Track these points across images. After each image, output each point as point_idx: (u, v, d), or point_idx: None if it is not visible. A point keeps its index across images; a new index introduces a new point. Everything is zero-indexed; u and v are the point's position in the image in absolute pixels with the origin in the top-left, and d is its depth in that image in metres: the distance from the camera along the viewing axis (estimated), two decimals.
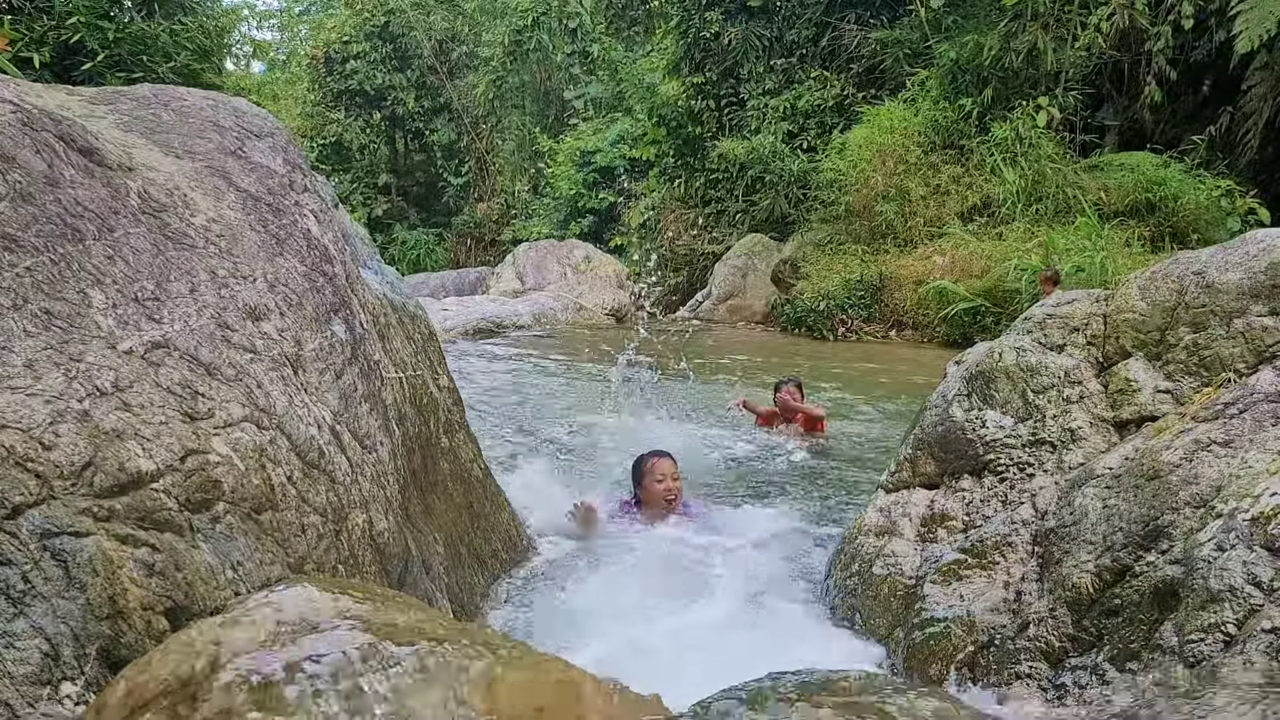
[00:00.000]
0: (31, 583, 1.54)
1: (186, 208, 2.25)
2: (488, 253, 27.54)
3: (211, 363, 2.00)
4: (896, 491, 3.21)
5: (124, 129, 2.42)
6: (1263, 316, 2.46)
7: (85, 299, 1.87)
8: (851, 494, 5.00)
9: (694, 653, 2.75)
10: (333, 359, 2.37)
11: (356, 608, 1.57)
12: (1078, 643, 2.27)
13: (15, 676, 1.48)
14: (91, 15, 14.61)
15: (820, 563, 3.61)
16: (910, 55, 16.52)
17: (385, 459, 2.49)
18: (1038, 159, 14.06)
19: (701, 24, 18.80)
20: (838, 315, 14.04)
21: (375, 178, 29.19)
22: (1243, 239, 2.68)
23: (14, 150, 1.92)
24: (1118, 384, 2.72)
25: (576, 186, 23.57)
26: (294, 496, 2.03)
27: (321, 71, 27.83)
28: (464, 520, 3.28)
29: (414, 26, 27.68)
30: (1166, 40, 13.47)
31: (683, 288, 19.26)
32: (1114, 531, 2.30)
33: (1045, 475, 2.73)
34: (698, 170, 19.41)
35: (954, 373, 3.25)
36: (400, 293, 3.37)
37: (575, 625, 3.00)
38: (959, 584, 2.68)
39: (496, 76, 26.93)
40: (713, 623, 3.06)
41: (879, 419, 7.40)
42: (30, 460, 1.60)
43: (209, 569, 1.78)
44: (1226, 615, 1.87)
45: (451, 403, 3.51)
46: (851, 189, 15.32)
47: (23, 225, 1.84)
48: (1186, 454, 2.27)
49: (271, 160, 2.65)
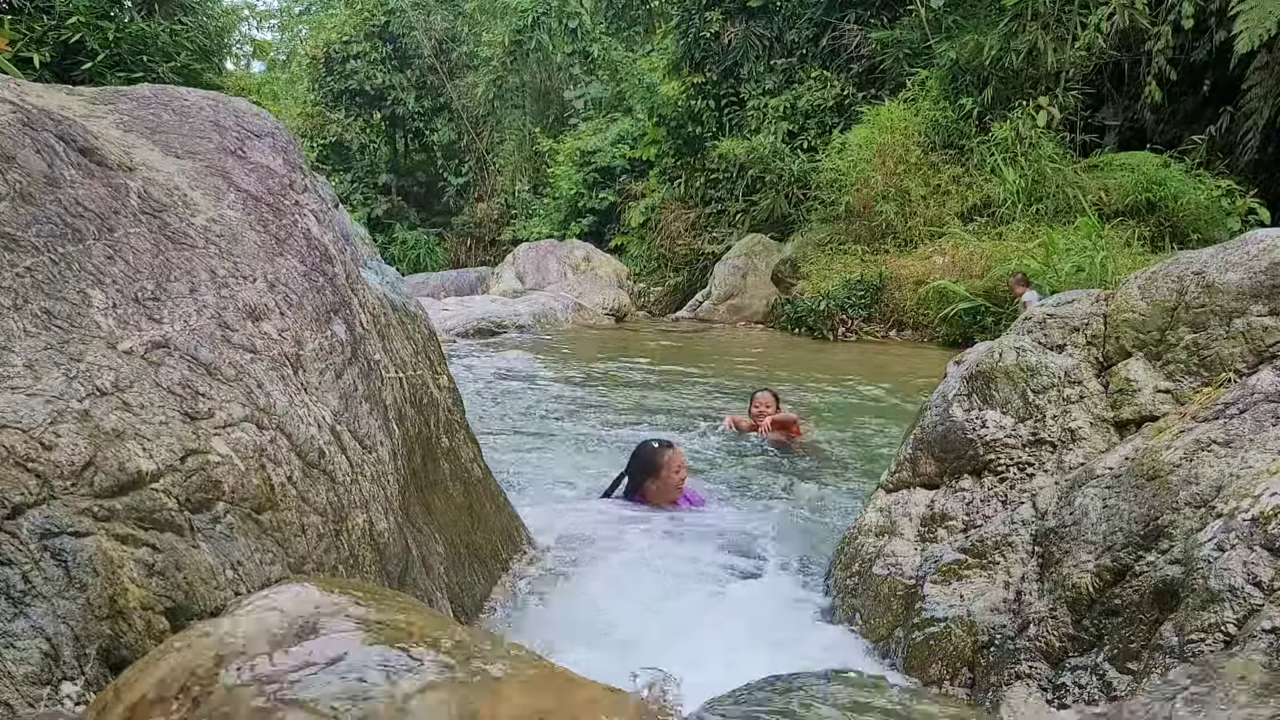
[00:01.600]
0: (32, 583, 1.54)
1: (186, 208, 2.25)
2: (488, 253, 27.54)
3: (211, 363, 2.00)
4: (896, 491, 3.21)
5: (124, 129, 2.42)
6: (1263, 316, 2.46)
7: (85, 299, 1.87)
8: (851, 494, 5.00)
9: (694, 654, 2.75)
10: (333, 359, 2.37)
11: (357, 608, 1.57)
12: (1078, 643, 2.27)
13: (15, 676, 1.48)
14: (91, 15, 14.62)
15: (821, 562, 3.61)
16: (910, 55, 16.53)
17: (385, 459, 2.49)
18: (1038, 159, 14.07)
19: (701, 24, 18.81)
20: (838, 315, 14.04)
21: (375, 178, 29.20)
22: (1243, 239, 2.68)
23: (14, 150, 1.92)
24: (1118, 384, 2.72)
25: (576, 186, 23.57)
26: (294, 496, 2.03)
27: (321, 71, 27.85)
28: (464, 520, 3.28)
29: (414, 26, 27.69)
30: (1166, 40, 13.48)
31: (683, 288, 19.26)
32: (1114, 531, 2.30)
33: (1045, 475, 2.73)
34: (698, 170, 19.42)
35: (954, 373, 3.25)
36: (400, 293, 3.37)
37: (575, 625, 3.00)
38: (959, 584, 2.68)
39: (496, 76, 26.94)
40: (713, 623, 3.06)
41: (879, 420, 7.40)
42: (30, 460, 1.60)
43: (209, 569, 1.78)
44: (1226, 615, 1.87)
45: (451, 403, 3.51)
46: (851, 189, 15.33)
47: (23, 225, 1.84)
48: (1186, 454, 2.27)
49: (271, 160, 2.64)
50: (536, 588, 3.37)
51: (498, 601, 3.24)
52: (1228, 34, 12.58)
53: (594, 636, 2.89)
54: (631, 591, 3.34)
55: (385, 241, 27.01)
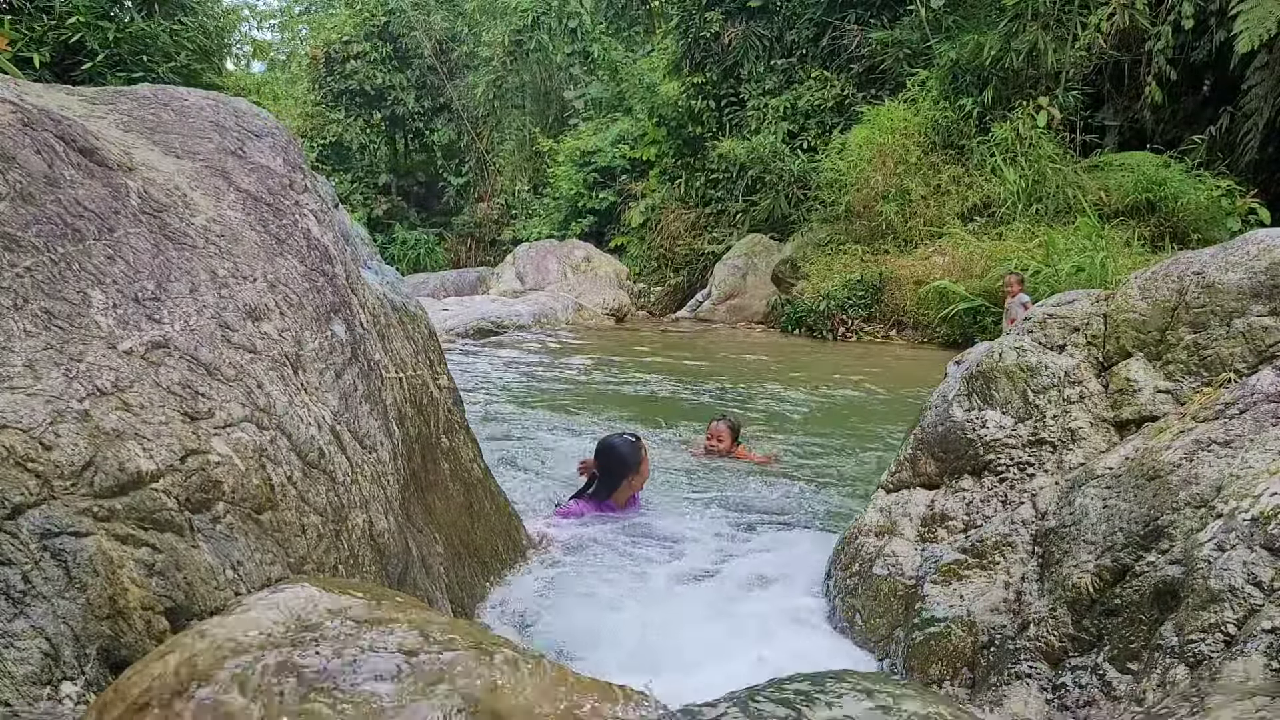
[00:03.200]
0: (32, 583, 1.54)
1: (186, 208, 2.25)
2: (488, 253, 27.54)
3: (211, 363, 2.00)
4: (897, 491, 3.21)
5: (124, 129, 2.42)
6: (1263, 316, 2.46)
7: (85, 299, 1.87)
8: (851, 494, 5.00)
9: (694, 654, 2.75)
10: (333, 359, 2.37)
11: (357, 608, 1.57)
12: (1078, 643, 2.27)
13: (15, 676, 1.48)
14: (91, 15, 14.63)
15: (820, 562, 3.61)
16: (910, 55, 16.53)
17: (385, 459, 2.49)
18: (1038, 159, 14.07)
19: (701, 24, 18.81)
20: (838, 315, 14.05)
21: (375, 178, 29.19)
22: (1243, 239, 2.68)
23: (14, 150, 1.92)
24: (1118, 384, 2.72)
25: (577, 186, 23.56)
26: (294, 496, 2.03)
27: (321, 71, 27.84)
28: (464, 520, 3.28)
29: (414, 26, 27.68)
30: (1166, 40, 13.47)
31: (683, 288, 19.26)
32: (1114, 531, 2.30)
33: (1045, 475, 2.73)
34: (698, 170, 19.42)
35: (954, 373, 3.25)
36: (400, 293, 3.37)
37: (574, 625, 3.00)
38: (959, 584, 2.68)
39: (496, 76, 26.93)
40: (713, 623, 3.06)
41: (879, 420, 7.40)
42: (30, 460, 1.60)
43: (209, 569, 1.78)
44: (1227, 615, 1.87)
45: (451, 403, 3.51)
46: (851, 189, 15.33)
47: (23, 225, 1.84)
48: (1186, 454, 2.27)
49: (271, 160, 2.64)
50: (536, 587, 3.38)
51: (498, 601, 3.24)
52: (1228, 34, 12.58)
53: (593, 636, 2.90)
54: (631, 592, 3.34)
55: (385, 241, 27.01)
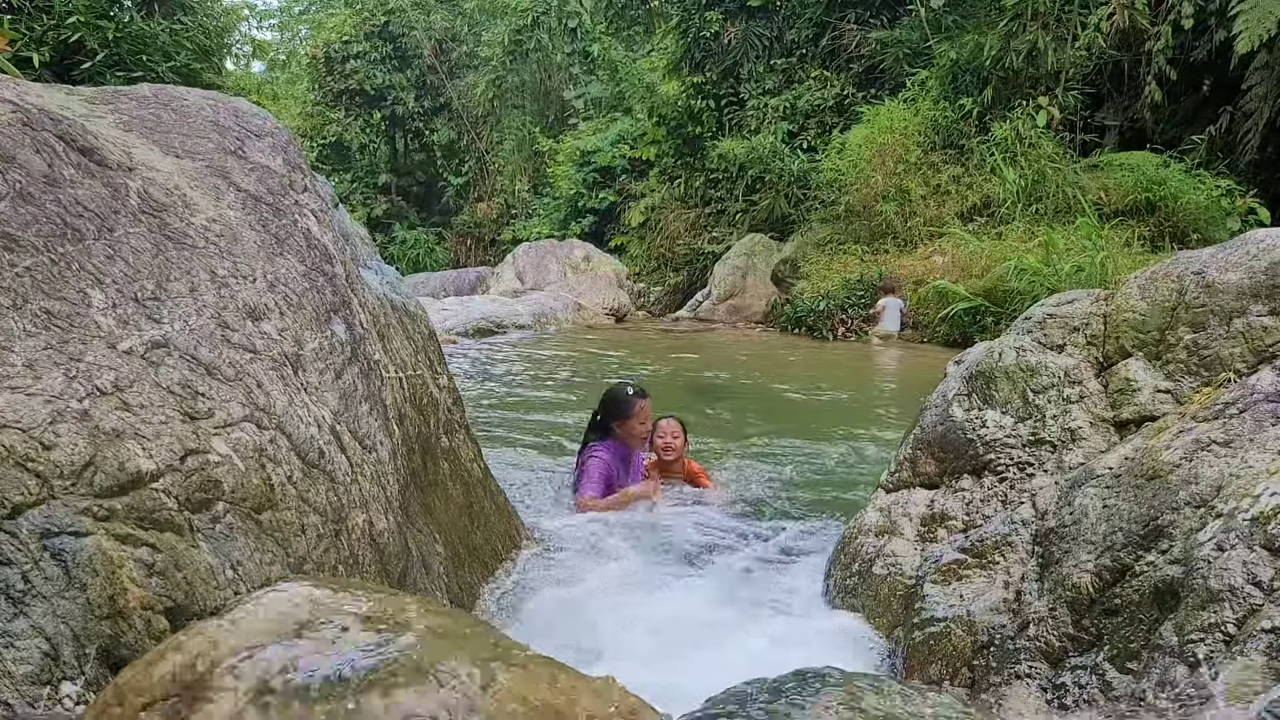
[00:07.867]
0: (31, 582, 1.54)
1: (186, 207, 2.25)
2: (488, 253, 27.53)
3: (211, 362, 2.00)
4: (896, 491, 3.21)
5: (124, 129, 2.42)
6: (1263, 316, 2.46)
7: (85, 299, 1.87)
8: (850, 494, 5.00)
9: (693, 653, 2.75)
10: (333, 359, 2.37)
11: (358, 607, 1.57)
12: (1078, 643, 2.27)
13: (15, 676, 1.48)
14: (91, 15, 14.61)
15: (820, 562, 3.61)
16: (910, 55, 16.51)
17: (385, 459, 2.49)
18: (1038, 159, 14.06)
19: (701, 24, 18.79)
20: (838, 315, 14.04)
21: (375, 177, 29.19)
22: (1243, 239, 2.68)
23: (14, 150, 1.93)
24: (1118, 384, 2.72)
25: (576, 186, 23.55)
26: (294, 496, 2.03)
27: (321, 71, 27.84)
28: (464, 520, 3.28)
29: (414, 26, 27.68)
30: (1166, 40, 13.46)
31: (682, 287, 19.25)
32: (1114, 531, 2.30)
33: (1045, 475, 2.73)
34: (698, 170, 19.40)
35: (954, 373, 3.25)
36: (400, 293, 3.37)
37: (575, 625, 3.00)
38: (959, 584, 2.68)
39: (496, 76, 26.93)
40: (712, 623, 3.06)
41: (878, 420, 7.40)
42: (30, 460, 1.60)
43: (209, 569, 1.78)
44: (1226, 615, 1.87)
45: (451, 402, 3.51)
46: (851, 189, 15.32)
47: (23, 225, 1.84)
48: (1186, 454, 2.27)
49: (271, 160, 2.65)
50: (536, 587, 3.38)
51: (497, 601, 3.24)
52: (1228, 34, 12.56)
53: (592, 636, 2.89)
54: (630, 591, 3.34)
55: (385, 241, 27.01)
